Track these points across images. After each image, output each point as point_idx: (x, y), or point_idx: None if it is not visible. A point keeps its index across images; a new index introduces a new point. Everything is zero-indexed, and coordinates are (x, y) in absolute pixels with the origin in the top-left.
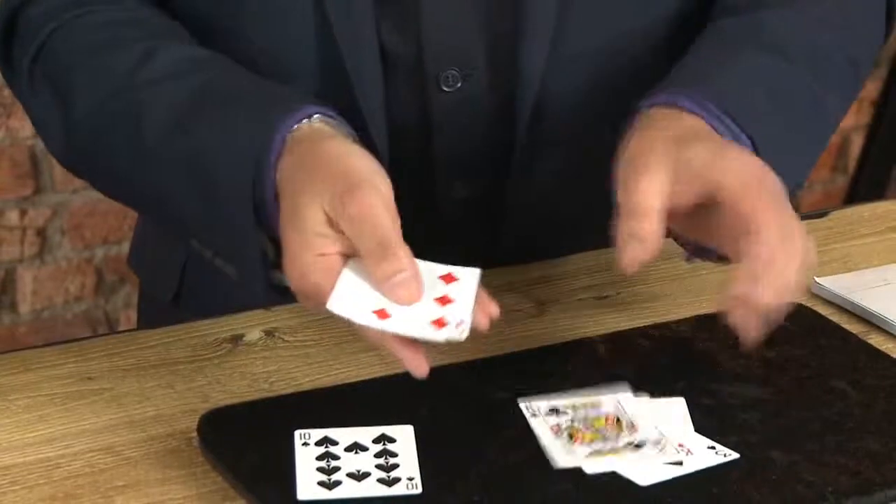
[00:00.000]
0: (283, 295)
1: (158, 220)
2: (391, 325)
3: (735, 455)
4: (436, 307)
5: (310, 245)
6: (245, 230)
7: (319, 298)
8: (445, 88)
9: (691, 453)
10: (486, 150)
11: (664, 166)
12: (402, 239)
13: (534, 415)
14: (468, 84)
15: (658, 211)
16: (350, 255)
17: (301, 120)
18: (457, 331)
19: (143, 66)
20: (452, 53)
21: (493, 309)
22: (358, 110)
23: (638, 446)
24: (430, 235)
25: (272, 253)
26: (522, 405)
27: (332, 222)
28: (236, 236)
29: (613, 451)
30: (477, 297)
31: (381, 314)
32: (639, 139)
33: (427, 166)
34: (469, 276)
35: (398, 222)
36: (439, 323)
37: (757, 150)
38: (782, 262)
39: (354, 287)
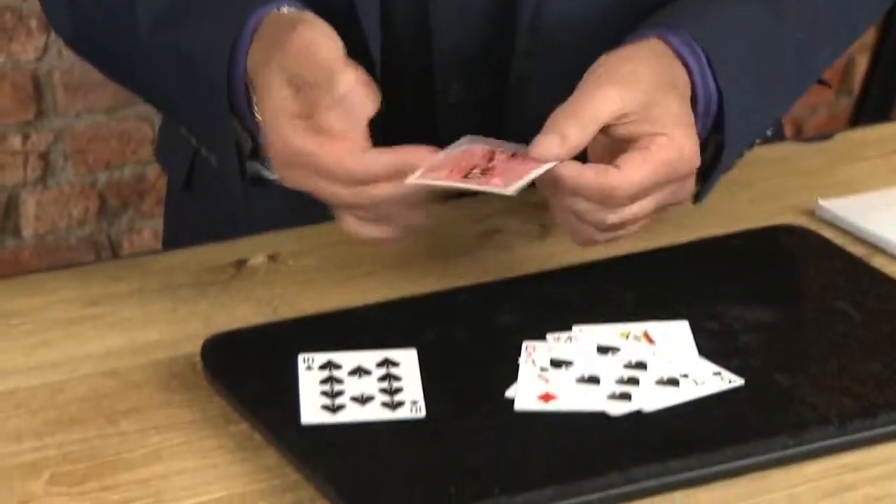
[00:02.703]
0: (262, 186)
1: (154, 106)
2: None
3: (740, 381)
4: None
5: (283, 111)
6: (221, 120)
7: (304, 160)
8: None
9: (696, 382)
10: (484, 54)
11: (636, 92)
12: (345, 62)
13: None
14: None
15: (599, 124)
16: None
17: (262, 15)
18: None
19: None
20: None
21: None
22: (352, 7)
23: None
24: (430, 142)
25: (248, 144)
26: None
27: (291, 81)
28: (214, 126)
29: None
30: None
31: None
32: (627, 55)
33: (425, 68)
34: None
35: (340, 47)
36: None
37: (721, 104)
38: (588, 186)
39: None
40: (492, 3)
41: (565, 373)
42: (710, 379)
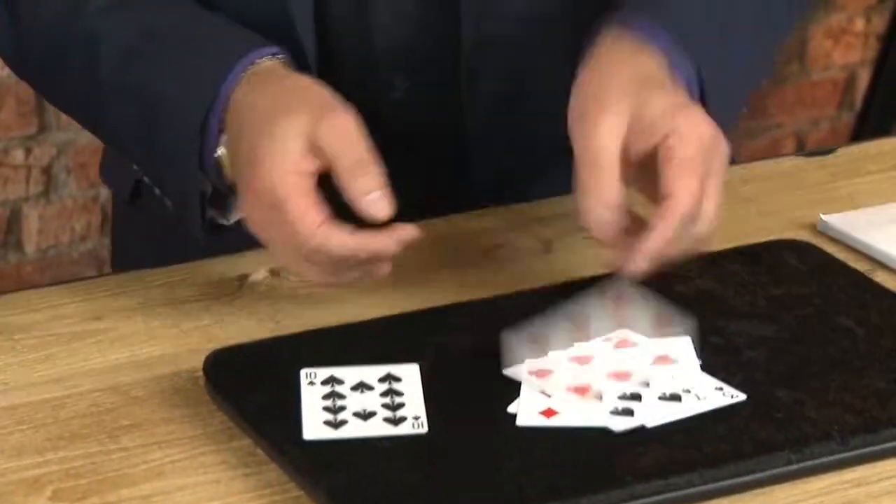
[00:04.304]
0: (215, 233)
1: (106, 143)
2: None
3: (742, 396)
4: None
5: (287, 160)
6: (187, 168)
7: (280, 216)
8: None
9: (698, 397)
10: (427, 47)
11: (621, 108)
12: (376, 159)
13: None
14: None
15: (615, 154)
16: (316, 177)
17: (255, 60)
18: None
19: None
20: None
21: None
22: (285, 5)
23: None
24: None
25: (209, 190)
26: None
27: (310, 142)
28: (177, 172)
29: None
30: None
31: None
32: (595, 75)
33: (365, 64)
34: None
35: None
36: None
37: (702, 81)
38: (669, 234)
39: None
40: None
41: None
42: (712, 394)
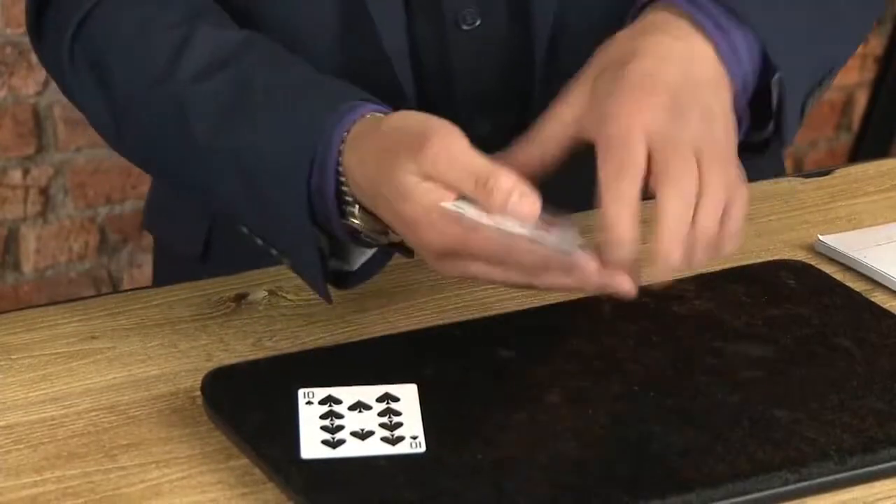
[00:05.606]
0: (341, 285)
1: (215, 210)
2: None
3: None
4: None
5: (429, 205)
6: (300, 229)
7: (462, 244)
8: (465, 27)
9: None
10: (505, 86)
11: (655, 120)
12: (491, 165)
13: None
14: (486, 22)
15: (642, 167)
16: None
17: (354, 120)
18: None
19: (181, 57)
20: None
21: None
22: (383, 53)
23: None
24: None
25: (326, 245)
26: None
27: (431, 179)
28: (290, 235)
29: None
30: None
31: None
32: (639, 55)
33: (450, 104)
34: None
35: (478, 154)
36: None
37: (763, 42)
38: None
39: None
40: (510, 40)
41: None
42: None
